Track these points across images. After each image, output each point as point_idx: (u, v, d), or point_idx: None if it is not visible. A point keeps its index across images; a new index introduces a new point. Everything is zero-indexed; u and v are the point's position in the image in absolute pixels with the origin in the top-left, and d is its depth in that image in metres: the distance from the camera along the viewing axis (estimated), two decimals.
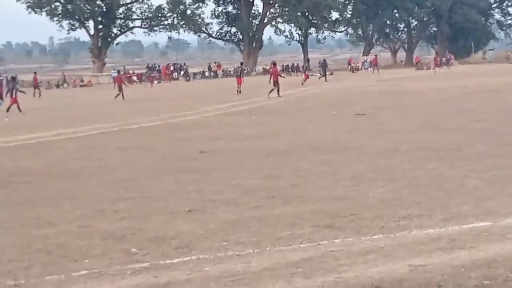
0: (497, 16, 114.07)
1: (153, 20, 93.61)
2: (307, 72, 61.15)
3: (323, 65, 64.09)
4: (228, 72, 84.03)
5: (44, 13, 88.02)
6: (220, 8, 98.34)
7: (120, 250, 8.07)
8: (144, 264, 7.46)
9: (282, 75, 42.22)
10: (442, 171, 12.52)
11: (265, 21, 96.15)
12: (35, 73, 55.53)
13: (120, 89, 43.87)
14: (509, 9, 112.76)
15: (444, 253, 7.34)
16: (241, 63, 56.38)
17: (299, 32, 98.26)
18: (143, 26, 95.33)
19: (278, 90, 37.95)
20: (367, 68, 78.74)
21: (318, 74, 64.76)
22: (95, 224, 9.41)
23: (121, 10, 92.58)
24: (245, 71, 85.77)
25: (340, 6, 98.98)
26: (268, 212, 9.75)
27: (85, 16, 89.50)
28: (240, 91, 42.76)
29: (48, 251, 8.17)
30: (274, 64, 44.59)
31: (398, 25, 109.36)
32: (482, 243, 7.65)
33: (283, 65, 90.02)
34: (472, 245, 7.58)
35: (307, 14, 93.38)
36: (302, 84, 49.86)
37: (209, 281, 6.75)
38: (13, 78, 40.95)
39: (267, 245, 7.98)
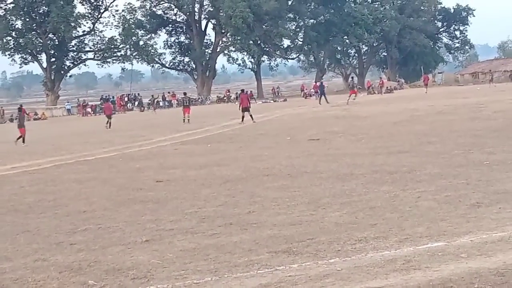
0: (445, 39, 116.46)
1: (106, 52, 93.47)
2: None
3: (321, 87, 65.57)
4: (187, 101, 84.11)
5: None
6: (172, 39, 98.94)
7: (77, 282, 8.01)
8: None
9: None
10: (396, 193, 12.60)
11: (218, 50, 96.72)
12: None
13: (110, 117, 45.30)
14: (456, 32, 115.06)
15: (400, 274, 7.39)
16: (185, 93, 56.70)
17: (252, 60, 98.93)
18: (96, 58, 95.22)
19: (251, 115, 38.60)
20: (321, 94, 79.51)
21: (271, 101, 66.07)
22: (52, 257, 9.32)
23: (73, 42, 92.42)
24: (200, 100, 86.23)
25: (291, 34, 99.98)
26: (225, 239, 9.73)
27: (37, 49, 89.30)
28: (188, 120, 42.88)
29: (4, 286, 8.07)
30: (242, 90, 45.73)
31: (349, 51, 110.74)
32: (437, 263, 7.71)
33: (236, 93, 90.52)
34: (427, 265, 7.63)
35: (259, 42, 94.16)
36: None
37: None
38: None
39: (225, 273, 7.97)
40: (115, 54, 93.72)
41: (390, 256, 8.21)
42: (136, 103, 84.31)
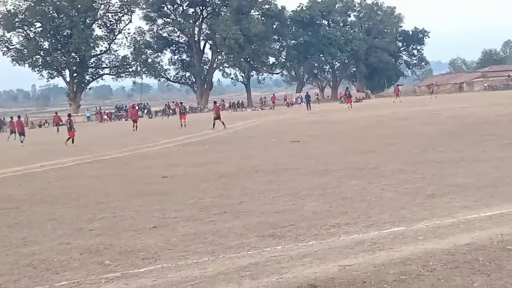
0: (405, 57, 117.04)
1: (119, 68, 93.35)
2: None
3: (307, 97, 65.73)
4: (186, 109, 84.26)
5: (26, 65, 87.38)
6: (176, 57, 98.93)
7: (95, 262, 7.97)
8: (116, 273, 7.37)
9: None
10: (363, 186, 12.61)
11: (214, 66, 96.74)
12: (18, 117, 46.77)
13: (136, 121, 46.35)
14: (414, 51, 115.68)
15: (367, 254, 7.39)
16: (181, 103, 57.14)
17: (243, 75, 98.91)
18: (111, 73, 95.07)
19: (223, 122, 38.73)
20: (299, 103, 79.30)
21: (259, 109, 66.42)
22: (74, 241, 9.28)
23: (92, 60, 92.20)
24: (199, 108, 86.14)
25: (276, 52, 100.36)
26: (220, 225, 9.71)
27: (62, 66, 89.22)
28: (184, 125, 43.83)
29: (34, 266, 8.04)
30: (215, 102, 49.13)
31: (324, 67, 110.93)
32: (398, 244, 7.71)
33: (230, 102, 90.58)
34: (390, 246, 7.63)
35: (248, 59, 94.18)
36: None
37: (172, 286, 6.70)
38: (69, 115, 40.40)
39: (220, 254, 7.94)
40: (127, 70, 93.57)
41: (359, 239, 8.21)
42: (146, 111, 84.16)
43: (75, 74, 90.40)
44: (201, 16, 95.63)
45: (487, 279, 6.18)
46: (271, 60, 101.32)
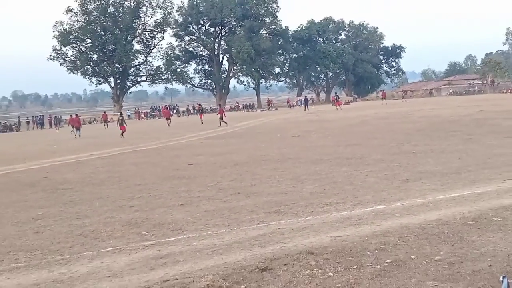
0: (385, 68, 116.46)
1: (154, 76, 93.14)
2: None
3: (305, 100, 65.14)
4: (206, 110, 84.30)
5: (79, 73, 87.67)
6: (199, 67, 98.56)
7: (134, 232, 8.03)
8: (151, 242, 7.42)
9: (225, 114, 41.20)
10: (351, 172, 12.61)
11: (230, 75, 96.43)
12: (76, 115, 45.57)
13: (169, 118, 46.94)
14: (392, 63, 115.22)
15: (354, 227, 7.40)
16: (199, 104, 57.25)
17: (254, 82, 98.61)
18: (147, 80, 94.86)
19: (225, 122, 38.40)
20: (300, 105, 79.00)
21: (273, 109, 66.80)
22: (117, 216, 9.34)
23: (132, 70, 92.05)
24: (218, 109, 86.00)
25: (280, 64, 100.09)
26: (235, 203, 9.74)
27: (107, 74, 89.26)
28: (202, 122, 43.50)
29: (84, 235, 8.11)
30: (220, 105, 48.97)
31: (319, 76, 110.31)
32: (379, 220, 7.73)
33: (244, 104, 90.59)
34: (372, 221, 7.65)
35: (258, 69, 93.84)
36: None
37: (196, 252, 6.73)
38: (121, 114, 40.52)
39: (235, 226, 7.98)
40: (160, 78, 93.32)
41: (347, 215, 8.22)
42: (175, 111, 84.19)
43: (118, 81, 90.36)
44: (220, 34, 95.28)
45: (451, 248, 6.18)
46: (277, 70, 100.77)
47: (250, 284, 5.44)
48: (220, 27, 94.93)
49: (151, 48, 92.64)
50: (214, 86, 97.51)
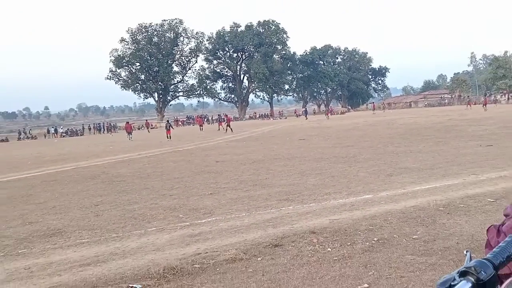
0: (373, 85, 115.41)
1: (189, 92, 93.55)
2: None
3: (305, 111, 65.81)
4: (231, 118, 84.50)
5: (130, 90, 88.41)
6: (225, 84, 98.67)
7: (173, 216, 8.07)
8: (186, 223, 7.45)
9: (231, 122, 39.62)
10: (345, 168, 12.56)
11: (249, 90, 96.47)
12: (127, 122, 46.43)
13: (201, 125, 47.29)
14: (379, 81, 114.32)
15: (348, 212, 7.38)
16: (219, 114, 56.48)
17: (268, 96, 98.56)
18: (183, 95, 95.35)
19: (231, 129, 37.71)
20: (304, 115, 78.84)
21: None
22: (160, 202, 9.40)
23: (171, 87, 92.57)
24: (240, 118, 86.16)
25: (289, 82, 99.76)
26: (253, 193, 9.75)
27: (152, 91, 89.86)
28: (222, 129, 40.48)
29: (134, 217, 8.17)
30: (226, 115, 45.15)
31: (320, 91, 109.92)
32: (368, 206, 7.69)
33: (260, 114, 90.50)
34: (363, 208, 7.61)
35: (272, 86, 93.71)
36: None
37: (222, 231, 6.75)
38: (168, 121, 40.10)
39: (253, 211, 7.99)
40: (194, 93, 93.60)
41: (342, 202, 8.19)
42: (205, 119, 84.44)
43: (160, 96, 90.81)
44: (241, 58, 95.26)
45: (426, 229, 6.14)
46: (286, 86, 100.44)
47: (265, 256, 5.45)
48: (241, 53, 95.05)
49: (187, 69, 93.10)
50: (237, 99, 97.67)
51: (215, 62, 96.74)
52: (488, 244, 1.48)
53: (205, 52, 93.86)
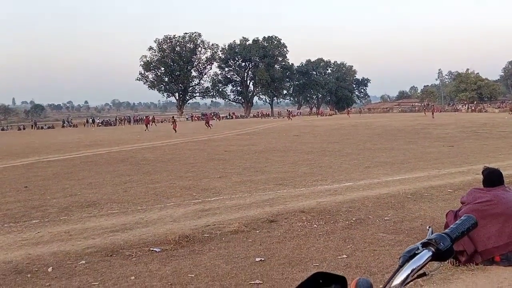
0: (357, 92, 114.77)
1: (204, 93, 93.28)
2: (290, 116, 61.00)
3: (289, 112, 65.29)
4: (238, 116, 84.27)
5: (155, 89, 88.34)
6: (234, 88, 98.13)
7: (188, 194, 8.08)
8: (199, 200, 7.46)
9: (211, 122, 37.82)
10: (331, 160, 12.56)
11: (254, 93, 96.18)
12: (146, 116, 47.62)
13: (207, 122, 40.49)
14: (362, 90, 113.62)
15: (332, 196, 7.38)
16: (233, 113, 56.51)
17: (269, 99, 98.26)
18: (200, 96, 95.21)
19: (210, 126, 36.67)
20: (298, 115, 78.52)
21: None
22: (177, 183, 9.41)
23: (190, 88, 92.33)
24: (245, 116, 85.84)
25: (287, 88, 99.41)
26: (254, 178, 9.76)
27: (173, 91, 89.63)
28: (208, 126, 38.48)
29: (156, 194, 8.18)
30: (206, 114, 44.09)
31: (313, 96, 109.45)
32: (349, 192, 7.69)
33: (263, 113, 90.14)
34: (345, 193, 7.61)
35: (272, 91, 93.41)
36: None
37: (227, 208, 6.76)
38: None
39: (253, 192, 8.00)
40: (208, 94, 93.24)
41: (328, 188, 8.19)
42: (215, 116, 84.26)
43: (180, 95, 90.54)
44: (248, 67, 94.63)
45: (396, 212, 6.14)
46: (284, 91, 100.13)
47: (262, 230, 5.47)
48: (248, 62, 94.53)
49: (203, 74, 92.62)
50: (243, 101, 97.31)
51: (226, 69, 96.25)
52: (446, 225, 1.50)
53: (218, 61, 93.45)
